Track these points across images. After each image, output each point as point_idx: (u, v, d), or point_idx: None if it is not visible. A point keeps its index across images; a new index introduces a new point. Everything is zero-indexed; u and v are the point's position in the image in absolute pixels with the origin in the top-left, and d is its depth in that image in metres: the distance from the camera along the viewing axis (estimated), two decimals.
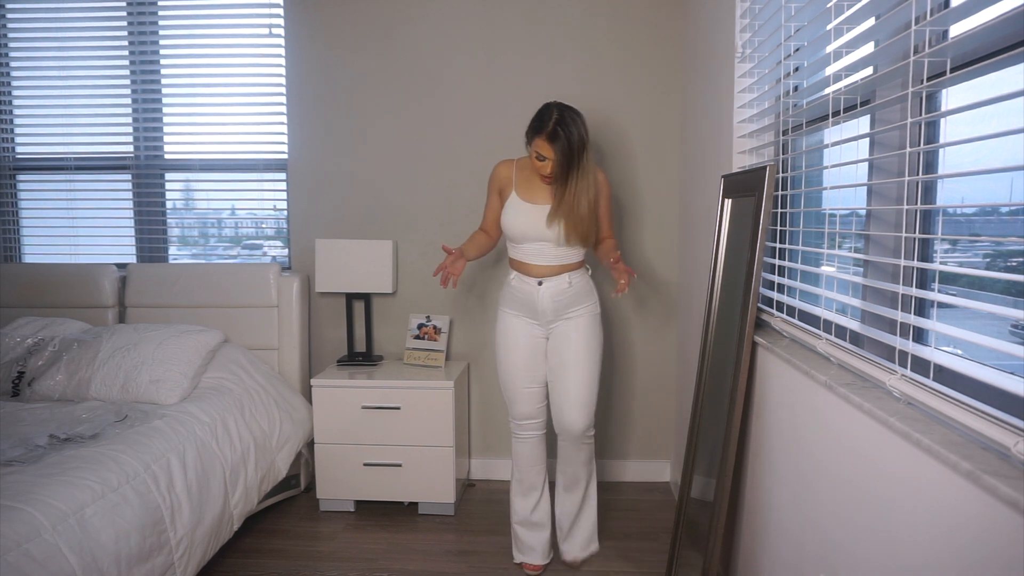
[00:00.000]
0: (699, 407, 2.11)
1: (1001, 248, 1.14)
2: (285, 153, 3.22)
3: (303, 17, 3.14)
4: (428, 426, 2.82)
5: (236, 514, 2.42)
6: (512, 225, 2.34)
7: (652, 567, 2.47)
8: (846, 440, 1.27)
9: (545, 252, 2.33)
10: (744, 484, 1.89)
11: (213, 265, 3.18)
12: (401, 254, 3.21)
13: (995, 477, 0.84)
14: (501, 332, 2.42)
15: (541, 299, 2.34)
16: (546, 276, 2.34)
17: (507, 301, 2.41)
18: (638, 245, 3.13)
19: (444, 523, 2.83)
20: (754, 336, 1.77)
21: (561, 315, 2.36)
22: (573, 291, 2.35)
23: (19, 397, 2.64)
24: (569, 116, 2.21)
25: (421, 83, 3.13)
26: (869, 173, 1.43)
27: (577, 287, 2.35)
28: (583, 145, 2.22)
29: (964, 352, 1.11)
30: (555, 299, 2.34)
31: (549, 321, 2.37)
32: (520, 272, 2.38)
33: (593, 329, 2.36)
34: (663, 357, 3.18)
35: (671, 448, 3.22)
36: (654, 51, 3.06)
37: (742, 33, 2.05)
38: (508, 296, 2.41)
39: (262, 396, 2.78)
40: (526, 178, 2.37)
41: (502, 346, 2.41)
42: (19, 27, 3.30)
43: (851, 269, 1.56)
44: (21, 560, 1.52)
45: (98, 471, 1.89)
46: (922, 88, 1.11)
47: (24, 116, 3.38)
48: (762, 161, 1.96)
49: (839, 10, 1.42)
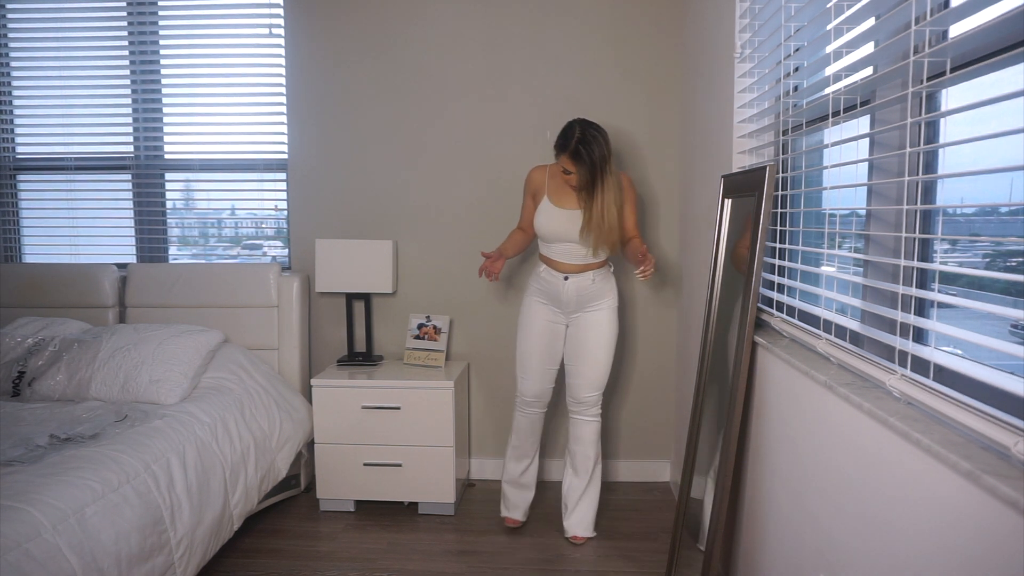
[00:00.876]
0: (699, 407, 2.11)
1: (1001, 248, 1.14)
2: (285, 153, 3.22)
3: (303, 17, 3.14)
4: (428, 426, 2.82)
5: (236, 514, 2.42)
6: (544, 228, 2.58)
7: (652, 567, 2.47)
8: (846, 440, 1.28)
9: (573, 253, 2.56)
10: (744, 484, 1.89)
11: (213, 265, 3.18)
12: (401, 254, 3.21)
13: (995, 477, 0.84)
14: (525, 315, 2.68)
15: (566, 292, 2.58)
16: (572, 273, 2.57)
17: (534, 290, 2.66)
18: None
19: (444, 523, 2.83)
20: (754, 336, 1.77)
21: (583, 307, 2.60)
22: (596, 287, 2.58)
23: (19, 397, 2.64)
24: (591, 134, 2.43)
25: (421, 83, 3.14)
26: (869, 173, 1.43)
27: (599, 283, 2.59)
28: (604, 160, 2.43)
29: (964, 352, 1.11)
30: (579, 293, 2.58)
31: (571, 312, 2.62)
32: (549, 267, 2.62)
33: (611, 322, 2.61)
34: (663, 357, 3.18)
35: (671, 448, 3.22)
36: (654, 51, 3.06)
37: (742, 33, 2.05)
38: (536, 286, 2.66)
39: (262, 396, 2.78)
40: (558, 184, 2.59)
41: (523, 328, 2.68)
42: (19, 27, 3.30)
43: (851, 269, 1.56)
44: (21, 560, 1.52)
45: (98, 471, 1.89)
46: (922, 88, 1.11)
47: (24, 116, 3.38)
48: (762, 161, 1.96)
49: (839, 10, 1.42)
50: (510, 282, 3.18)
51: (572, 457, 2.67)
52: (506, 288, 3.19)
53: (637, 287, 3.14)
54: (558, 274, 2.58)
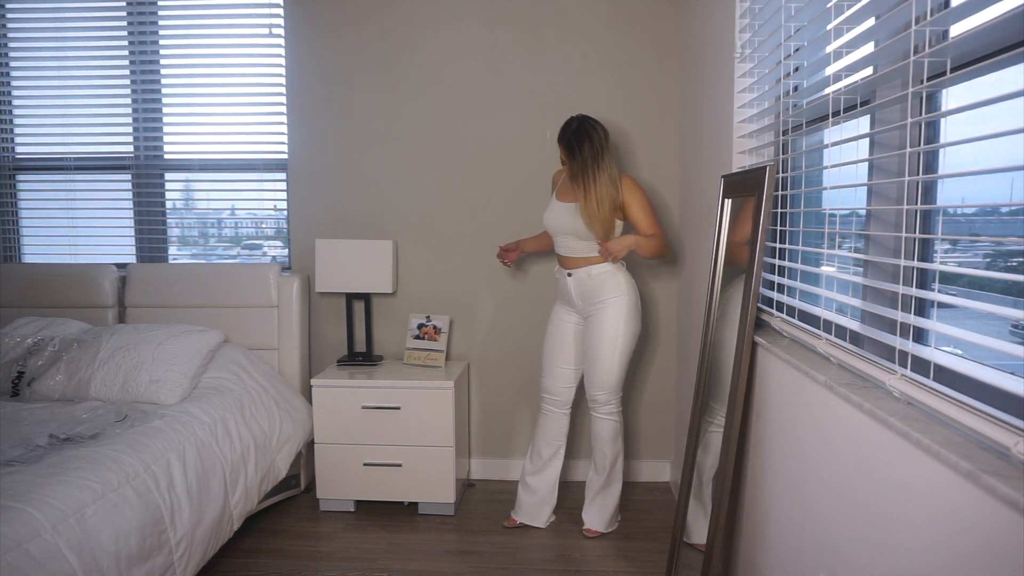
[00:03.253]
0: (699, 407, 2.11)
1: (1001, 248, 1.14)
2: (285, 153, 3.22)
3: (303, 17, 3.13)
4: (428, 426, 2.82)
5: (236, 514, 2.42)
6: (545, 220, 2.68)
7: (652, 567, 2.47)
8: (846, 440, 1.27)
9: (571, 245, 2.61)
10: (744, 484, 1.89)
11: (213, 265, 3.18)
12: (401, 254, 3.21)
13: (995, 477, 0.84)
14: (550, 315, 2.78)
15: (571, 288, 2.64)
16: (573, 268, 2.63)
17: (556, 291, 2.77)
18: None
19: (444, 523, 2.83)
20: (754, 336, 1.77)
21: (590, 304, 2.62)
22: (594, 283, 2.59)
23: (19, 397, 2.64)
24: (585, 127, 2.53)
25: (421, 82, 3.13)
26: (869, 173, 1.43)
27: (598, 279, 2.59)
28: (595, 151, 2.50)
29: (964, 352, 1.11)
30: (580, 289, 2.62)
31: (581, 310, 2.66)
32: (559, 264, 2.70)
33: (615, 319, 2.58)
34: (663, 357, 3.18)
35: (671, 448, 3.22)
36: (654, 51, 3.06)
37: (742, 33, 2.05)
38: (556, 286, 2.76)
39: (262, 396, 2.78)
40: (565, 181, 2.66)
41: (548, 327, 2.77)
42: (19, 27, 3.30)
43: (851, 269, 1.56)
44: (21, 560, 1.52)
45: (98, 471, 1.89)
46: (922, 88, 1.11)
47: (24, 116, 3.38)
48: (762, 161, 1.96)
49: (839, 10, 1.41)
50: (510, 283, 3.18)
51: (592, 453, 2.72)
52: (506, 288, 3.19)
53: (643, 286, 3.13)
54: (563, 270, 2.66)
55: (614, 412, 2.65)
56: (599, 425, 2.66)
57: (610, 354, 2.59)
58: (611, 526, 2.72)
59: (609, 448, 2.66)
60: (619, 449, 2.68)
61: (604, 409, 2.64)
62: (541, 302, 3.05)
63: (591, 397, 2.65)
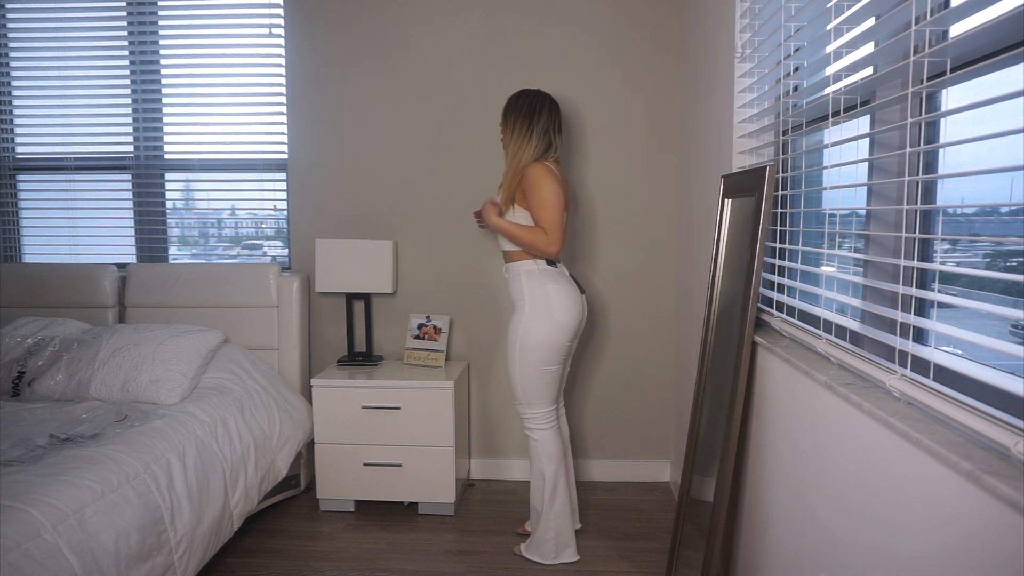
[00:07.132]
0: (699, 407, 2.11)
1: (1001, 248, 1.14)
2: (285, 153, 3.22)
3: (303, 17, 3.14)
4: (428, 426, 2.82)
5: (236, 514, 2.42)
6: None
7: (652, 567, 2.47)
8: (846, 440, 1.27)
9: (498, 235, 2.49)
10: (744, 484, 1.89)
11: (213, 265, 3.18)
12: (401, 254, 3.21)
13: (995, 477, 0.84)
14: None
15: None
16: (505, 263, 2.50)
17: None
18: (638, 245, 3.13)
19: (444, 523, 2.83)
20: (754, 336, 1.77)
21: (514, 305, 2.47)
22: (510, 283, 2.47)
23: (19, 397, 2.64)
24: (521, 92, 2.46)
25: (421, 82, 3.13)
26: (869, 173, 1.43)
27: (512, 279, 2.46)
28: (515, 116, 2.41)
29: (964, 352, 1.11)
30: (507, 288, 2.50)
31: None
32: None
33: (514, 326, 2.41)
34: (663, 357, 3.18)
35: (671, 448, 3.22)
36: (654, 51, 3.06)
37: (742, 33, 2.05)
38: None
39: (262, 396, 2.78)
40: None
41: None
42: (19, 27, 3.30)
43: (851, 269, 1.56)
44: (21, 560, 1.52)
45: (98, 471, 1.89)
46: (922, 88, 1.11)
47: (24, 116, 3.38)
48: (762, 161, 1.96)
49: (839, 10, 1.42)
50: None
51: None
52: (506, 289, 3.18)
53: (635, 284, 3.14)
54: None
55: (533, 429, 2.42)
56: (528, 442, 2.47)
57: (510, 364, 2.40)
58: (557, 558, 2.43)
59: (535, 464, 2.43)
60: (544, 475, 2.39)
61: (525, 424, 2.45)
62: None
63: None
